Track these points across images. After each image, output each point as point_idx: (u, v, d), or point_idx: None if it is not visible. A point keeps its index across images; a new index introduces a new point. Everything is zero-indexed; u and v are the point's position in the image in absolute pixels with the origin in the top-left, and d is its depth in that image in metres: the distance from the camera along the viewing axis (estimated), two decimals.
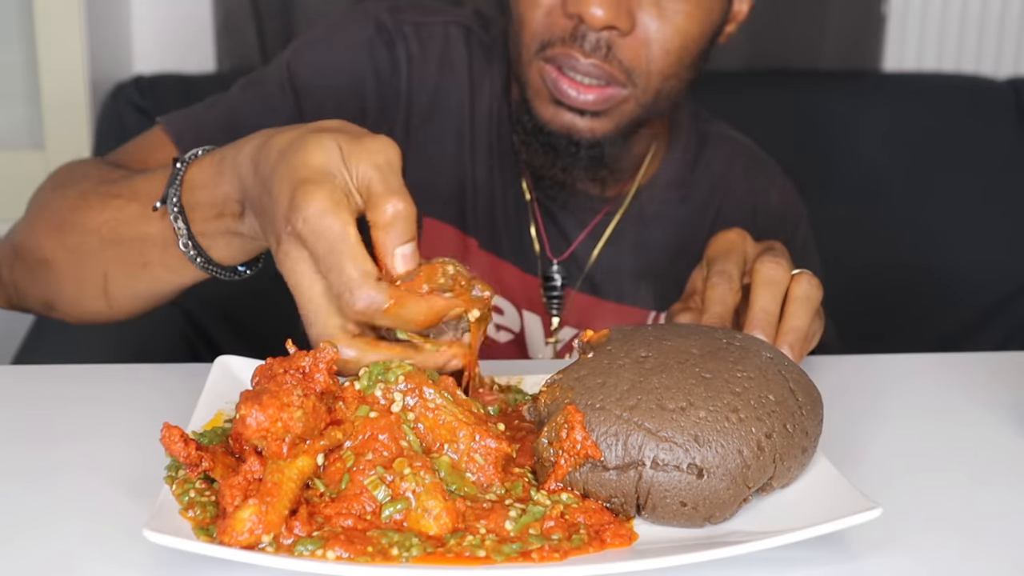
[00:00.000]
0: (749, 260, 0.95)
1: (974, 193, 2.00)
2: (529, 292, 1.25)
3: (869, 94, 2.03)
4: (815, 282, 0.91)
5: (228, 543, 0.64)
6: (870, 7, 2.18)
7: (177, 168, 0.90)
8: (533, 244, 1.26)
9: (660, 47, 1.11)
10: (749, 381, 0.74)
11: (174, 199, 0.90)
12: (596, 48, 1.10)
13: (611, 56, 1.10)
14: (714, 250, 0.96)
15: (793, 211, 1.35)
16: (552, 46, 1.12)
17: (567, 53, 1.10)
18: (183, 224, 0.90)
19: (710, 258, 0.95)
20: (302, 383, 0.71)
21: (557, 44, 1.11)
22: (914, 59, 2.23)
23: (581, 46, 1.10)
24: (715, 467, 0.70)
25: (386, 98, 1.23)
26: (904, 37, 2.23)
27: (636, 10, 1.10)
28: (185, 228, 0.90)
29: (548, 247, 1.26)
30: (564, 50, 1.11)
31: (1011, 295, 1.99)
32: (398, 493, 0.68)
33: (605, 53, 1.10)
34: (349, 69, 1.22)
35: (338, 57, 1.23)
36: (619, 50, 1.10)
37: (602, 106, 1.13)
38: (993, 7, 2.23)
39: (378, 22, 1.24)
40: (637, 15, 1.10)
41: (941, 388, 0.98)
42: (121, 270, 0.97)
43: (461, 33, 1.26)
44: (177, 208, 0.90)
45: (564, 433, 0.71)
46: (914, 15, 2.22)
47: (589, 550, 0.67)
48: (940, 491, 0.80)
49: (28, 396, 0.91)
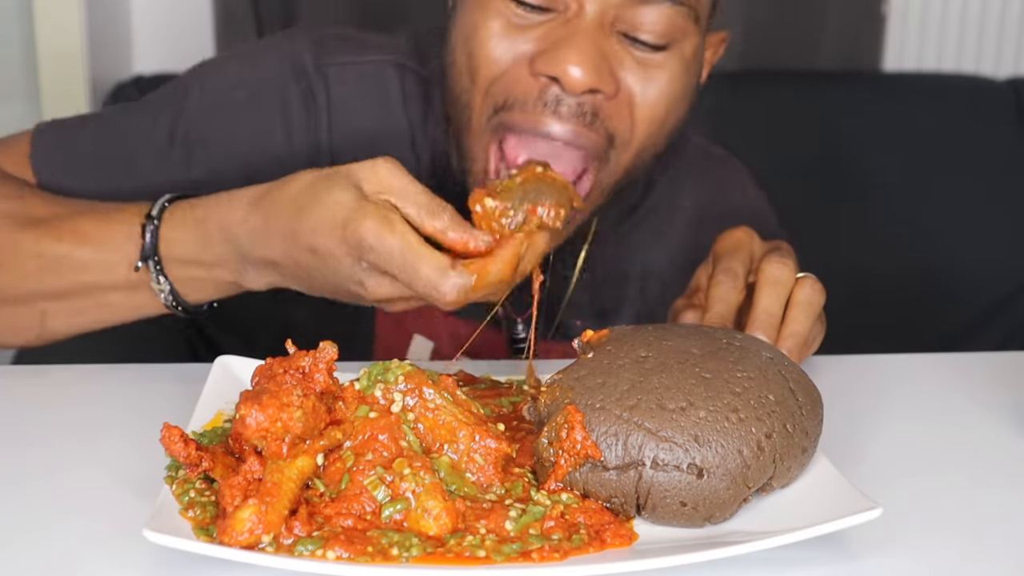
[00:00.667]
0: (755, 259, 0.94)
1: (974, 193, 2.00)
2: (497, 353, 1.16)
3: (869, 94, 2.03)
4: (818, 287, 0.91)
5: (228, 543, 0.64)
6: (870, 7, 2.18)
7: (154, 226, 0.92)
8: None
9: (644, 112, 0.98)
10: (749, 381, 0.74)
11: (156, 258, 0.92)
12: (578, 114, 0.94)
13: (597, 123, 0.95)
14: (721, 247, 0.95)
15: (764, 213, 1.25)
16: (510, 109, 0.96)
17: (536, 120, 0.95)
18: (166, 281, 0.92)
19: (716, 255, 0.95)
20: (302, 383, 0.71)
21: (517, 108, 0.95)
22: (914, 59, 2.23)
23: (555, 111, 0.94)
24: (715, 467, 0.70)
25: (298, 147, 1.11)
26: (904, 37, 2.23)
27: (618, 70, 0.96)
28: (168, 284, 0.92)
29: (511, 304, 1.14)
30: (530, 117, 0.95)
31: (1011, 295, 1.99)
32: (398, 493, 0.68)
33: (590, 120, 0.95)
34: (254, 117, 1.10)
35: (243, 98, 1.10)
36: (606, 116, 0.96)
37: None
38: (993, 7, 2.23)
39: (297, 62, 1.11)
40: (621, 75, 0.96)
41: (941, 388, 0.98)
42: (67, 311, 0.97)
43: (395, 73, 1.12)
44: (159, 267, 0.92)
45: (564, 433, 0.71)
46: (914, 15, 2.22)
47: (589, 550, 0.67)
48: (940, 491, 0.80)
49: (28, 396, 0.91)
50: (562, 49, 0.93)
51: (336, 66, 1.11)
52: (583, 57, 0.92)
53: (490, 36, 0.96)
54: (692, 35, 0.98)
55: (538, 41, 0.95)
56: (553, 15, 0.95)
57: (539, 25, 0.95)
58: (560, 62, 0.93)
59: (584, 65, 0.92)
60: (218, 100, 1.10)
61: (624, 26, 0.95)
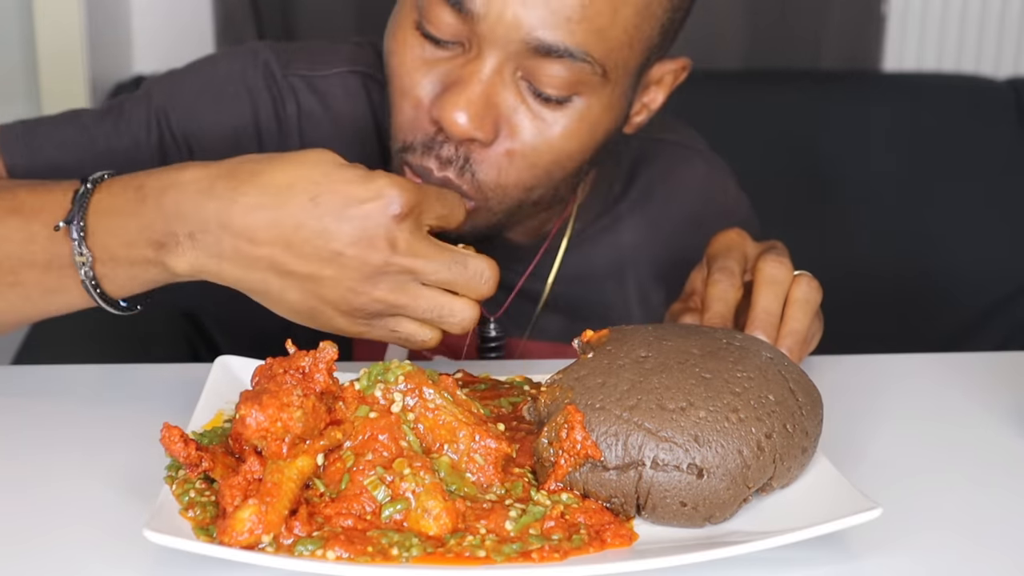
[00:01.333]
0: (750, 259, 0.94)
1: (974, 193, 2.00)
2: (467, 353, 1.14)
3: (869, 94, 2.03)
4: (815, 284, 0.91)
5: (228, 543, 0.64)
6: (870, 7, 2.18)
7: (85, 189, 0.85)
8: None
9: (525, 161, 0.95)
10: (749, 381, 0.74)
11: (80, 223, 0.84)
12: (450, 161, 0.94)
13: (466, 172, 0.95)
14: (715, 249, 0.95)
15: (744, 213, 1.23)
16: (412, 151, 0.96)
17: (423, 165, 0.95)
18: (87, 251, 0.84)
19: (711, 256, 0.95)
20: (302, 383, 0.72)
21: (418, 150, 0.96)
22: (914, 59, 2.23)
23: (437, 155, 0.94)
24: (715, 467, 0.70)
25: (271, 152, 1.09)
26: (904, 37, 2.23)
27: (504, 119, 0.93)
28: (89, 255, 0.84)
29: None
30: (420, 160, 0.95)
31: (1011, 295, 1.99)
32: (398, 493, 0.68)
33: (460, 166, 0.94)
34: (229, 116, 1.09)
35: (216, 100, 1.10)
36: (477, 165, 0.94)
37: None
38: (993, 7, 2.23)
39: (267, 71, 1.10)
40: (504, 125, 0.93)
41: (941, 388, 0.98)
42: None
43: (359, 83, 1.12)
44: (82, 233, 0.84)
45: (564, 433, 0.71)
46: (914, 15, 2.22)
47: (589, 550, 0.67)
48: (940, 491, 0.80)
49: (28, 396, 0.91)
50: (451, 93, 0.92)
51: (301, 78, 1.11)
52: (468, 102, 0.91)
53: (402, 67, 0.96)
54: (599, 89, 0.94)
55: (441, 79, 0.94)
56: (459, 50, 0.93)
57: (446, 61, 0.94)
58: (446, 107, 0.91)
59: (467, 110, 0.91)
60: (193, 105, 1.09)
61: (525, 75, 0.93)
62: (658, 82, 1.04)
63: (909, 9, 2.22)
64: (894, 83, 2.10)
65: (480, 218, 0.97)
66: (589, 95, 0.94)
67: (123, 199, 0.84)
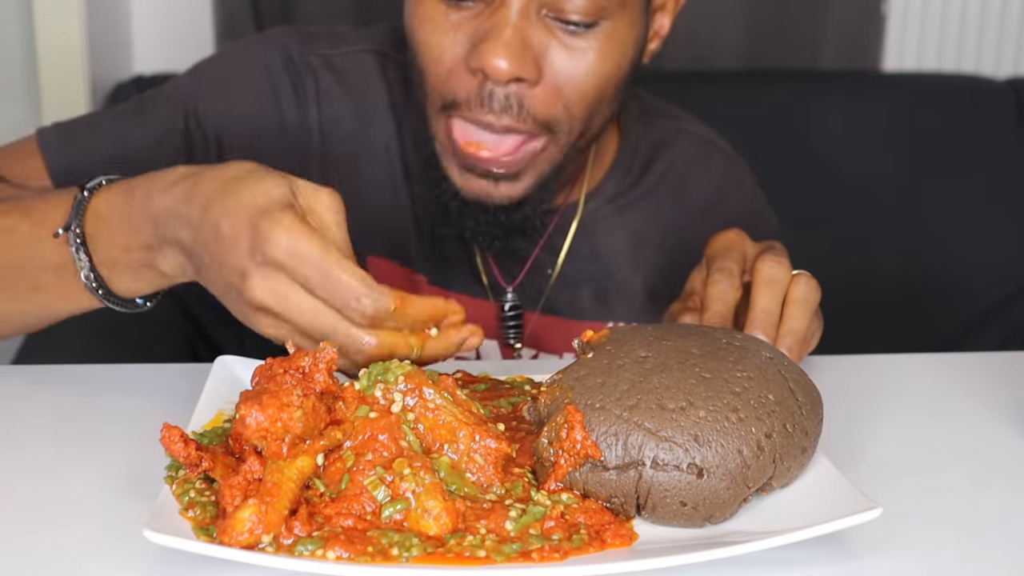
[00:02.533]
0: (749, 259, 0.95)
1: (974, 193, 2.00)
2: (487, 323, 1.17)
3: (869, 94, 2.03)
4: (813, 283, 0.91)
5: (228, 543, 0.64)
6: (870, 7, 2.18)
7: (82, 196, 0.88)
8: (481, 275, 1.18)
9: (575, 91, 1.01)
10: (749, 381, 0.74)
11: (77, 229, 0.87)
12: (506, 107, 1.00)
13: (523, 113, 1.00)
14: (714, 249, 0.96)
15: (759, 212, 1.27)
16: (457, 107, 1.02)
17: (476, 118, 1.01)
18: (85, 256, 0.87)
19: (710, 257, 0.95)
20: (302, 383, 0.72)
21: (463, 106, 1.01)
22: (914, 59, 2.23)
23: (490, 107, 1.00)
24: (715, 467, 0.70)
25: (292, 134, 1.15)
26: (904, 37, 2.23)
27: (542, 57, 1.00)
28: (87, 259, 0.87)
29: (499, 275, 1.18)
30: (472, 114, 1.01)
31: (1011, 295, 1.99)
32: (398, 493, 0.68)
33: (517, 110, 1.00)
34: (251, 100, 1.15)
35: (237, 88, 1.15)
36: (531, 104, 1.00)
37: (520, 165, 1.04)
38: (993, 7, 2.23)
39: (284, 53, 1.16)
40: (543, 62, 1.00)
41: (941, 388, 0.98)
42: (6, 291, 0.92)
43: (375, 61, 1.17)
44: (80, 239, 0.87)
45: (564, 433, 0.71)
46: (914, 15, 2.22)
47: (589, 550, 0.67)
48: (940, 491, 0.80)
49: (28, 396, 0.91)
50: (487, 42, 0.98)
51: (320, 56, 1.16)
52: (505, 47, 0.97)
53: (430, 37, 1.02)
54: (620, 10, 1.01)
55: (470, 37, 1.00)
56: (481, 6, 0.99)
57: (471, 20, 1.00)
58: (485, 55, 0.97)
59: (506, 55, 0.97)
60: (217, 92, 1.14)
61: (550, 10, 0.99)
62: (662, 7, 1.11)
63: (909, 9, 2.22)
64: (894, 83, 2.10)
65: (548, 156, 1.04)
66: (612, 16, 1.00)
67: (116, 204, 0.86)
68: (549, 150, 1.04)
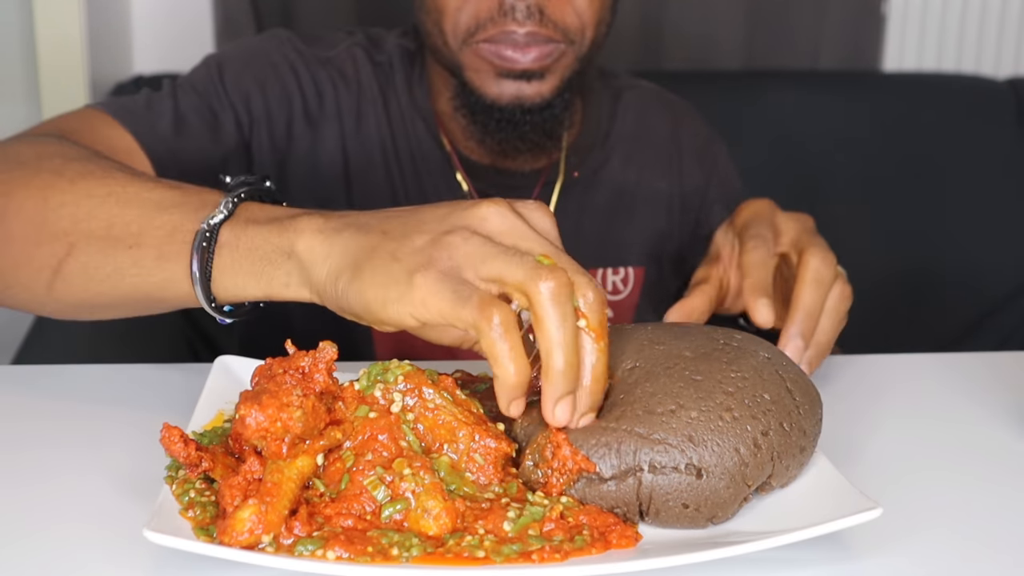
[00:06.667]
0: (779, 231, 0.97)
1: (974, 193, 2.00)
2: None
3: (869, 94, 2.03)
4: (848, 292, 0.92)
5: (228, 543, 0.64)
6: (870, 7, 2.18)
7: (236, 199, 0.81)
8: None
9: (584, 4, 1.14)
10: (743, 381, 0.74)
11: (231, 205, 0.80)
12: (529, 15, 1.11)
13: (545, 19, 1.12)
14: (744, 217, 0.98)
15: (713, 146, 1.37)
16: (484, 29, 1.13)
17: (501, 31, 1.12)
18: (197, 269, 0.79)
19: (741, 225, 0.96)
20: (302, 383, 0.72)
21: (488, 26, 1.12)
22: (914, 59, 2.23)
23: (514, 16, 1.11)
24: (713, 466, 0.70)
25: (316, 119, 1.24)
26: (904, 37, 2.23)
27: None
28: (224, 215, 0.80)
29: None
30: (497, 30, 1.12)
31: (1011, 295, 1.99)
32: (398, 493, 0.68)
33: (539, 18, 1.11)
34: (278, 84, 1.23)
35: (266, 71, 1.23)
36: (551, 11, 1.12)
37: (545, 62, 1.13)
38: (993, 7, 2.23)
39: (294, 46, 1.25)
40: None
41: (941, 388, 0.98)
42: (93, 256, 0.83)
43: (362, 53, 1.27)
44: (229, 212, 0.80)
45: (550, 452, 0.70)
46: (914, 15, 2.22)
47: (592, 551, 0.67)
48: (940, 491, 0.80)
49: (28, 396, 0.91)
50: None
51: (316, 57, 1.26)
52: None
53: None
54: None
55: None
56: None
57: None
58: None
59: None
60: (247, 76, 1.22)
61: None
62: None
63: (909, 9, 2.22)
64: (894, 83, 2.11)
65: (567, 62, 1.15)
66: None
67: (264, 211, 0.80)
68: (568, 55, 1.15)
